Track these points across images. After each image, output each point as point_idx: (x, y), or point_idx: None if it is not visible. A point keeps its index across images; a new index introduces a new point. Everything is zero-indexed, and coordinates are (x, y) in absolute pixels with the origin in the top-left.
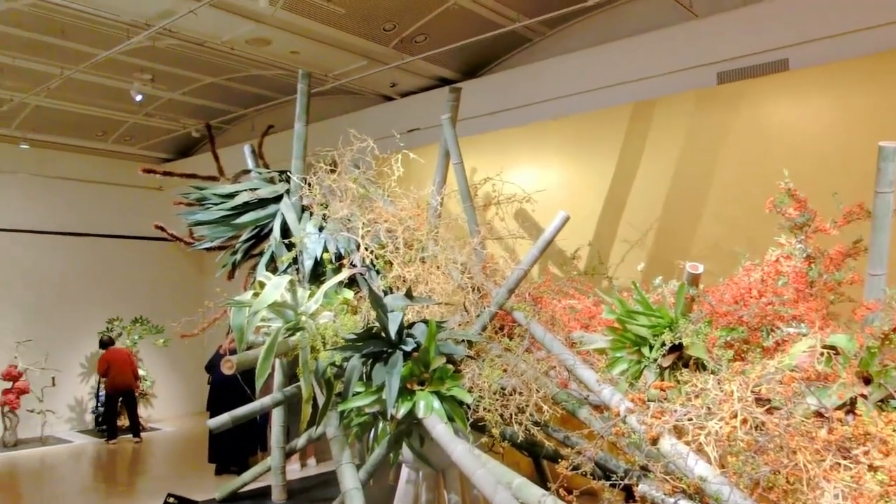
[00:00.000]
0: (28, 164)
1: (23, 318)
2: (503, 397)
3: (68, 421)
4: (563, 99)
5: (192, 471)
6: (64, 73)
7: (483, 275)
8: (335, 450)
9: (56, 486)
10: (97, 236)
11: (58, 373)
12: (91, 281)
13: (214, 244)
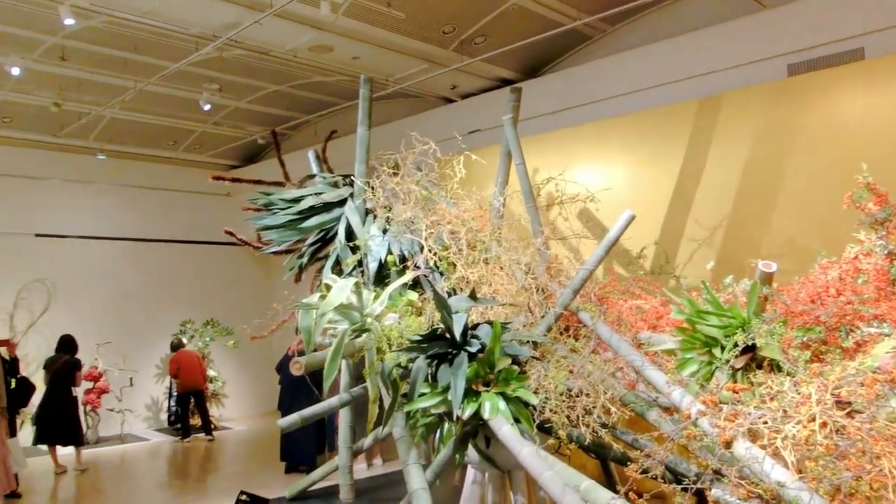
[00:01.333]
0: (105, 173)
1: (102, 321)
2: (570, 399)
3: (145, 420)
4: (626, 96)
5: (262, 469)
6: (137, 85)
7: (547, 275)
8: (402, 450)
9: (135, 482)
10: (170, 242)
11: (135, 373)
12: (165, 285)
13: (282, 248)
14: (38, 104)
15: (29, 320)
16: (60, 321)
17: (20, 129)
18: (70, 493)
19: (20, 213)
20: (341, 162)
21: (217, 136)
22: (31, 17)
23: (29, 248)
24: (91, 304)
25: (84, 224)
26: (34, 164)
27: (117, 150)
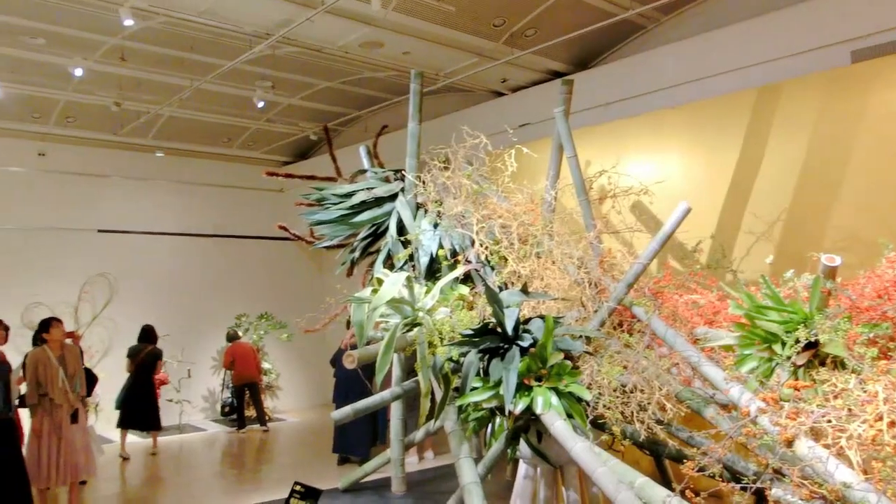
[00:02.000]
0: (162, 170)
1: (161, 314)
2: (624, 394)
3: (202, 410)
4: (680, 86)
5: (315, 461)
6: (193, 84)
7: (600, 270)
8: (453, 444)
9: (193, 470)
10: (225, 237)
11: (193, 365)
12: (220, 279)
13: (334, 242)
14: (99, 104)
15: (92, 313)
16: (122, 314)
17: (83, 128)
18: (132, 479)
19: (84, 210)
20: (392, 157)
21: (270, 133)
22: (92, 20)
23: (92, 243)
24: (150, 297)
25: (143, 220)
26: (96, 163)
27: (174, 147)
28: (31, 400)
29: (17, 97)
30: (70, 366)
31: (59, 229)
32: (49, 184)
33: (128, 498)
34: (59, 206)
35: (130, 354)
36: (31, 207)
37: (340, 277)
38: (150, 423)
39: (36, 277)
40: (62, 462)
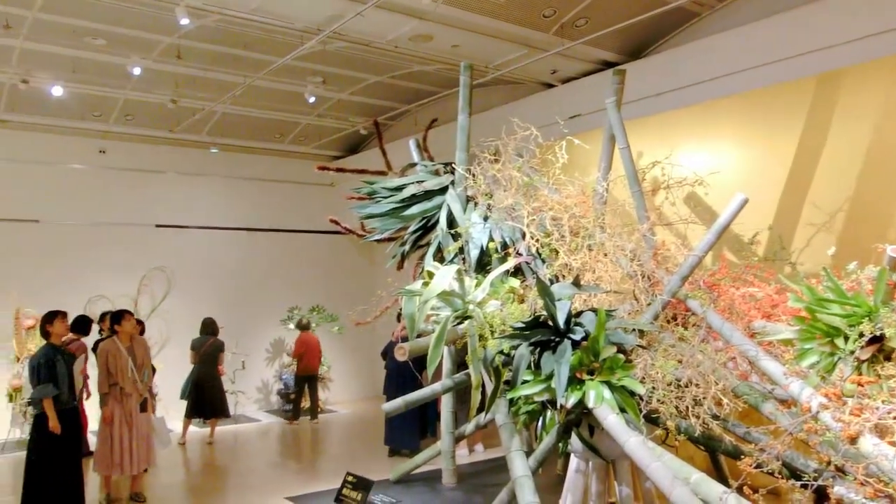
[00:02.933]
0: (217, 166)
1: (216, 306)
2: (678, 389)
3: (256, 401)
4: (736, 75)
5: (365, 452)
6: (246, 80)
7: (654, 262)
8: (504, 437)
9: (248, 460)
10: (277, 231)
11: (247, 357)
12: (273, 272)
13: (384, 236)
14: (156, 102)
15: (151, 306)
16: (179, 307)
17: (141, 125)
18: (190, 467)
19: (142, 206)
20: (442, 150)
21: (321, 128)
22: (150, 20)
23: (150, 237)
24: (206, 290)
25: (199, 215)
26: (154, 159)
27: (228, 143)
28: (102, 389)
29: (79, 96)
30: (139, 357)
31: (120, 224)
32: (109, 180)
33: (186, 485)
34: (119, 202)
35: (194, 346)
36: (92, 203)
37: (391, 270)
38: (218, 412)
39: (98, 271)
40: (133, 450)
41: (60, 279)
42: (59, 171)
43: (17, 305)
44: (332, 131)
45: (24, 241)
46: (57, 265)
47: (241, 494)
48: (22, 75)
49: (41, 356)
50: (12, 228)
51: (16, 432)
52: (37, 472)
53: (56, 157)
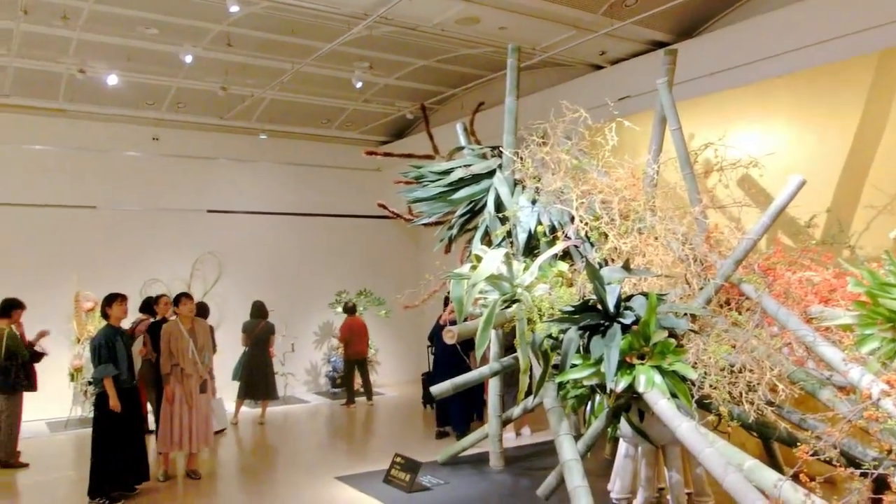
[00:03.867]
0: (265, 152)
1: (266, 290)
2: (731, 374)
3: (305, 383)
4: (792, 53)
5: (413, 434)
6: (294, 67)
7: (706, 245)
8: (553, 421)
9: (298, 440)
10: (325, 216)
11: (296, 340)
12: (321, 257)
13: (432, 219)
14: (207, 89)
15: (203, 289)
16: (230, 290)
17: (192, 113)
18: (243, 446)
19: (194, 191)
20: (489, 133)
21: (367, 113)
22: (200, 8)
23: (202, 223)
24: (256, 274)
25: (248, 200)
26: (205, 146)
27: (277, 129)
28: (164, 370)
29: (133, 85)
30: (199, 339)
31: (173, 210)
32: (163, 167)
33: (239, 464)
34: (172, 188)
35: (246, 329)
36: (147, 189)
37: (438, 254)
38: (268, 394)
39: (153, 256)
40: (193, 429)
41: (117, 263)
42: (114, 159)
43: (76, 289)
44: (379, 116)
45: (82, 226)
46: (114, 250)
47: (291, 473)
48: (79, 65)
49: (101, 337)
50: (72, 215)
51: (77, 410)
52: (101, 448)
53: (112, 145)
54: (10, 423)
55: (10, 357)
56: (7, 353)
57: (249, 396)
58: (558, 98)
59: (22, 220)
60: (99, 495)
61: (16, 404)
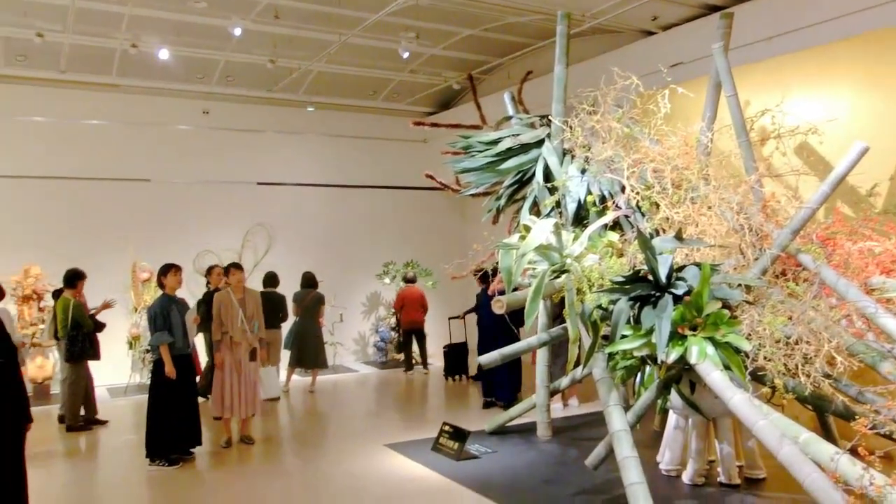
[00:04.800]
0: (313, 124)
1: (315, 261)
2: (787, 346)
3: (353, 352)
4: (854, 15)
5: (460, 404)
6: (341, 38)
7: (762, 215)
8: (602, 391)
9: (347, 408)
10: (372, 188)
11: (344, 310)
12: (368, 228)
13: (480, 190)
14: (255, 62)
15: (254, 260)
16: (280, 261)
17: (241, 86)
18: (294, 413)
19: (244, 164)
20: (537, 103)
21: (413, 84)
22: None
23: (252, 195)
24: (304, 245)
25: (297, 172)
26: (253, 119)
27: (324, 102)
28: (214, 337)
29: (183, 59)
30: (249, 308)
31: (223, 182)
32: (213, 140)
33: (290, 430)
34: (222, 161)
35: (296, 299)
36: (198, 162)
37: (485, 225)
38: (318, 363)
39: (205, 227)
40: (243, 395)
41: (171, 235)
42: (166, 132)
43: (133, 260)
44: (425, 87)
45: (137, 199)
46: (167, 222)
47: (341, 440)
48: (131, 40)
49: (157, 306)
50: (127, 188)
51: (135, 377)
52: (157, 413)
53: (163, 119)
54: (73, 390)
55: (75, 327)
56: (73, 322)
57: (300, 365)
58: (609, 65)
59: (81, 193)
60: (158, 458)
61: (81, 372)
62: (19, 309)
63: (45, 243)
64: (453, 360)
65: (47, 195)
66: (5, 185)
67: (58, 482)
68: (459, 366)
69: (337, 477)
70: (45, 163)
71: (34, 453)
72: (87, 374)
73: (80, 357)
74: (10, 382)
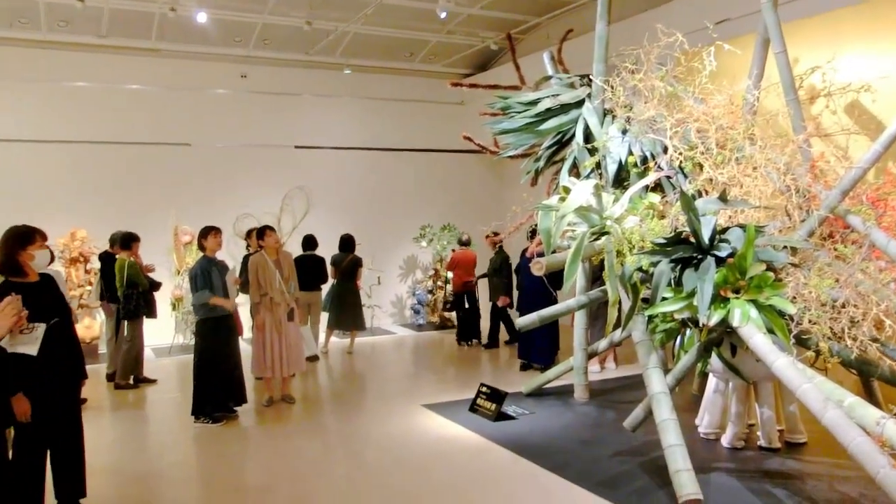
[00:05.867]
0: (350, 87)
1: (352, 224)
2: (833, 309)
3: (391, 315)
4: None
5: (498, 366)
6: None
7: (810, 176)
8: (641, 354)
9: (385, 369)
10: (409, 150)
11: (382, 273)
12: (405, 192)
13: (518, 152)
14: (291, 24)
15: (292, 223)
16: (318, 224)
17: (278, 49)
18: (333, 374)
19: (282, 128)
20: (577, 62)
21: (450, 45)
22: None
23: (290, 158)
24: (343, 208)
25: (334, 136)
26: (291, 82)
27: (360, 64)
28: (253, 299)
29: (221, 22)
30: (285, 269)
31: (262, 146)
32: (251, 104)
33: (329, 390)
34: (261, 125)
35: (334, 262)
36: (237, 126)
37: (523, 188)
38: (357, 325)
39: (244, 191)
40: (284, 355)
41: (211, 198)
42: (206, 96)
43: (175, 223)
44: (462, 48)
45: (178, 163)
46: (208, 185)
47: (379, 400)
48: (170, 4)
49: (198, 267)
50: (168, 151)
51: (179, 338)
52: (201, 373)
53: (202, 83)
54: (127, 349)
55: (130, 286)
56: (128, 281)
57: (339, 327)
58: (652, 22)
59: (123, 158)
60: (202, 415)
61: (137, 331)
62: (66, 271)
63: (90, 207)
64: (465, 326)
65: (91, 160)
66: (50, 150)
67: (108, 438)
68: (471, 331)
69: (376, 435)
70: (89, 127)
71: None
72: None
73: (135, 315)
74: (65, 340)
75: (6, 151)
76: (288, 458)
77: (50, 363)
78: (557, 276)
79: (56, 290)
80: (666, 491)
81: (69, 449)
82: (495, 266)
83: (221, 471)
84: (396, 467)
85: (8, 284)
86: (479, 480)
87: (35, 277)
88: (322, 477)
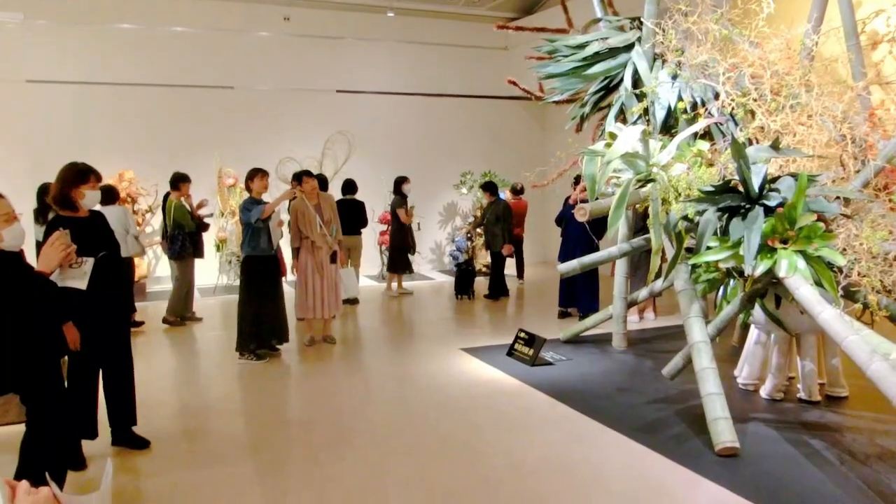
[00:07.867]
0: (392, 31)
1: (390, 169)
2: (885, 262)
3: (430, 262)
4: None
5: (537, 313)
6: None
7: (868, 125)
8: (683, 303)
9: (425, 313)
10: (450, 96)
11: (422, 219)
12: (446, 137)
13: (564, 97)
14: None
15: (334, 168)
16: (359, 169)
17: None
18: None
19: (324, 71)
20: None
21: None
22: None
23: (332, 102)
24: (383, 154)
25: (376, 80)
26: (333, 25)
27: (403, 7)
28: (294, 243)
29: None
30: (325, 213)
31: (304, 90)
32: (294, 47)
33: (370, 331)
34: (303, 68)
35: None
36: (279, 69)
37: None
38: (406, 267)
39: (287, 134)
40: (325, 296)
41: (254, 142)
42: (248, 40)
43: (219, 166)
44: None
45: (221, 106)
46: (250, 129)
47: (419, 343)
48: None
49: (246, 202)
50: (212, 95)
51: (223, 278)
52: (245, 311)
53: (246, 26)
54: (176, 287)
55: (177, 226)
56: (174, 222)
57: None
58: None
59: (167, 100)
60: (245, 351)
61: (186, 270)
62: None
63: (135, 149)
64: (462, 280)
65: (135, 102)
66: (96, 92)
67: (156, 372)
68: (466, 285)
69: (415, 376)
70: (133, 70)
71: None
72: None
73: (181, 255)
74: (114, 273)
75: (53, 93)
76: (329, 394)
77: (98, 296)
78: (600, 225)
79: (105, 226)
80: (703, 439)
81: (119, 378)
82: (497, 213)
83: (265, 405)
84: (435, 407)
85: (59, 218)
86: (517, 422)
87: (85, 213)
88: (363, 413)
